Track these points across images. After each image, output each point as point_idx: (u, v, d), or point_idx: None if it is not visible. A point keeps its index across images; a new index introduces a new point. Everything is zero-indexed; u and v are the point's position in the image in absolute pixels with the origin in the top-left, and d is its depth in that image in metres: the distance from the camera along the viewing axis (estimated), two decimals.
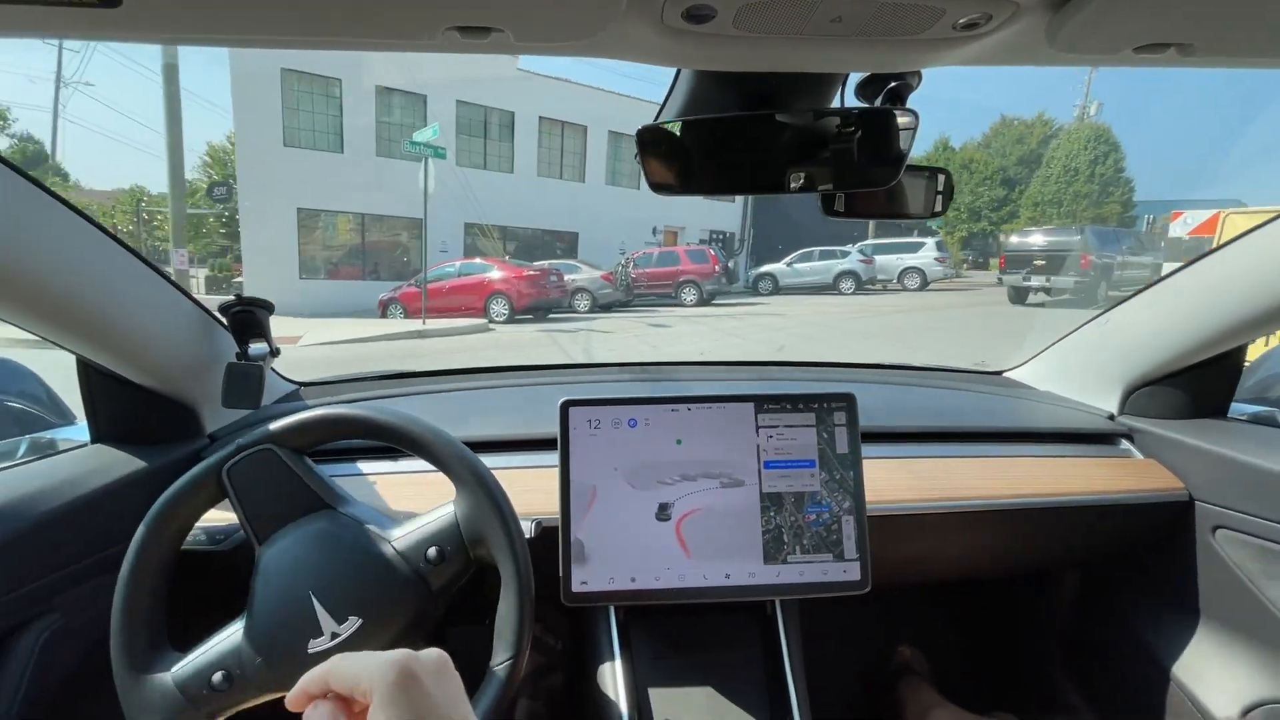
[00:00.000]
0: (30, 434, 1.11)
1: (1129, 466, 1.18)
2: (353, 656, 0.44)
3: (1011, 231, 31.61)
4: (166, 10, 0.46)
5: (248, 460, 0.74)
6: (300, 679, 0.44)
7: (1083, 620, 1.34)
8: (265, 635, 0.70)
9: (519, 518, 0.76)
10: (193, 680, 0.69)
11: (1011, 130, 36.10)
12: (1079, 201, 31.26)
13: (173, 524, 0.73)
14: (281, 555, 0.72)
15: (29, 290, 0.75)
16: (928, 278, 17.75)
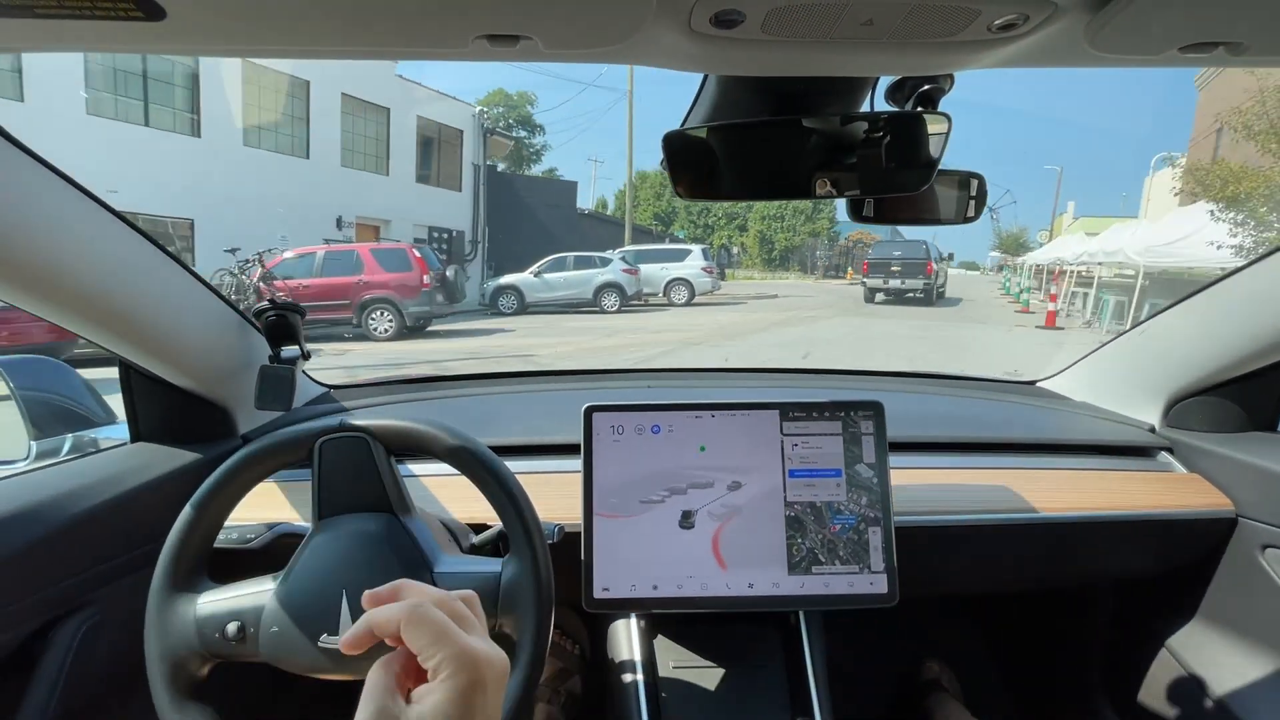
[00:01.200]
0: (74, 431, 1.15)
1: (1171, 481, 1.13)
2: (437, 622, 0.41)
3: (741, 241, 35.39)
4: (209, 23, 0.48)
5: (343, 440, 0.75)
6: (366, 616, 0.41)
7: (1121, 640, 1.29)
8: (288, 610, 0.70)
9: (542, 525, 0.76)
10: (209, 621, 0.70)
11: None
12: (798, 216, 33.83)
13: (253, 472, 0.75)
14: (332, 543, 0.73)
15: (79, 296, 0.78)
16: (695, 290, 15.80)
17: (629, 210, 24.73)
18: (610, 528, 0.93)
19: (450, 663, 0.39)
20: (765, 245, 35.05)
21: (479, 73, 75.02)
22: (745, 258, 36.29)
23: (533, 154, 32.70)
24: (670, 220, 38.47)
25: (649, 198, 39.69)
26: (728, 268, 32.44)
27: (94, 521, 0.84)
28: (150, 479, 0.93)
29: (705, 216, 37.18)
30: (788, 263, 34.95)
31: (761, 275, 32.60)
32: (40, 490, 0.82)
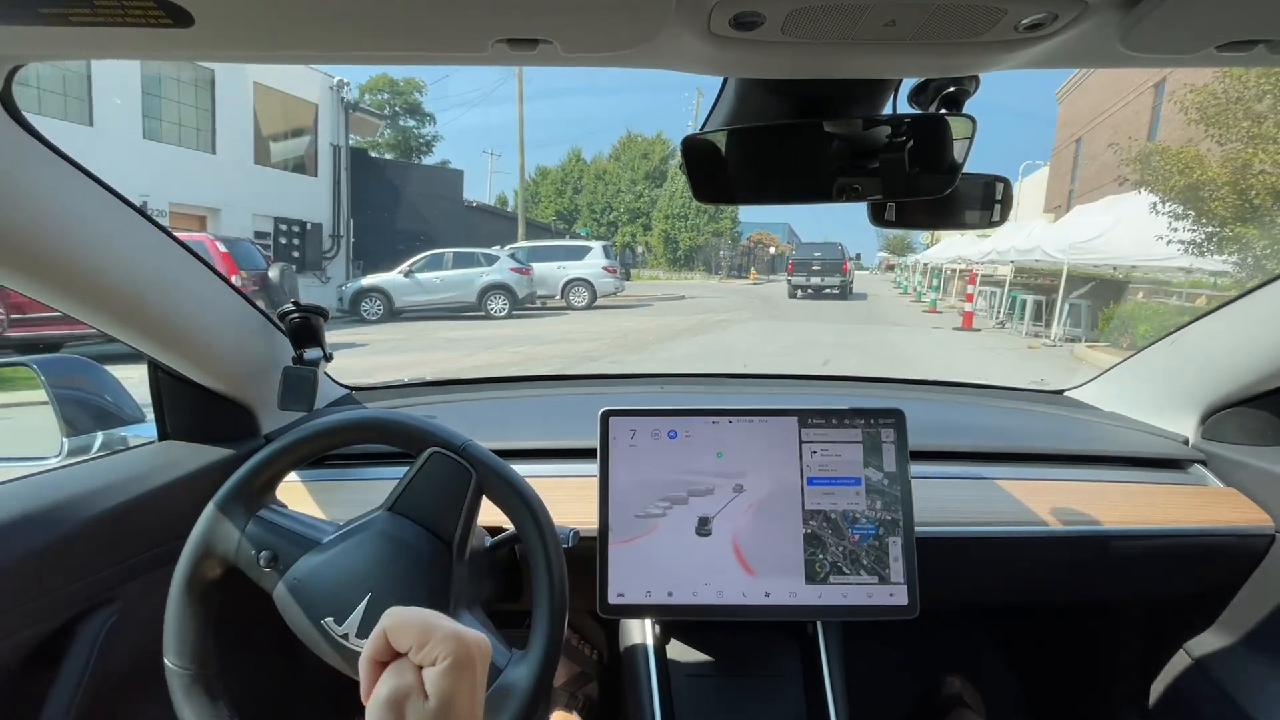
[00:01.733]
0: (105, 429, 1.18)
1: (1207, 495, 1.09)
2: (413, 618, 0.45)
3: (645, 240, 35.24)
4: (234, 30, 0.49)
5: (453, 460, 0.76)
6: (364, 651, 0.46)
7: (1153, 659, 1.24)
8: (314, 576, 0.73)
9: (557, 529, 0.77)
10: (255, 539, 0.74)
11: (637, 146, 37.01)
12: (701, 215, 33.52)
13: (356, 436, 0.79)
14: (384, 541, 0.74)
15: (114, 298, 0.80)
16: (596, 291, 14.51)
17: (522, 203, 23.38)
18: (625, 533, 0.92)
19: (440, 646, 0.44)
20: (670, 245, 34.81)
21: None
22: (650, 257, 36.15)
23: (422, 144, 30.81)
24: (574, 218, 37.59)
25: (551, 194, 38.80)
26: (633, 267, 32.26)
27: (121, 517, 0.86)
28: (176, 477, 0.95)
29: (609, 214, 36.74)
30: (692, 262, 34.84)
31: (667, 275, 32.47)
32: (71, 486, 0.85)
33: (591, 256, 14.82)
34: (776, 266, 44.85)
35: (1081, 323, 10.22)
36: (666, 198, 34.92)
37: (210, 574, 0.75)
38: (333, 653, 0.72)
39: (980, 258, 14.52)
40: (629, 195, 36.17)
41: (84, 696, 0.79)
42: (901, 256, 46.52)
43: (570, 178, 38.63)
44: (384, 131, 28.28)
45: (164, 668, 0.73)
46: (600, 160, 38.55)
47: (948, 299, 17.93)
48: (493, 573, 0.82)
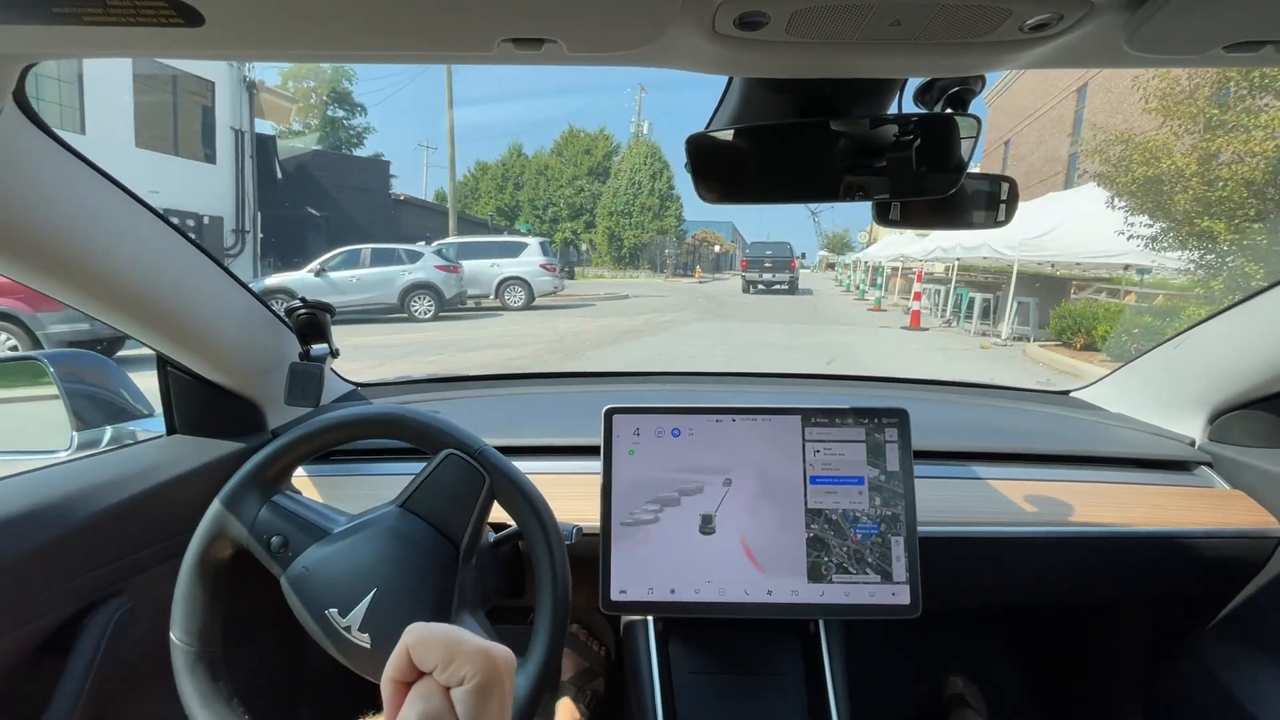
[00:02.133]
0: (114, 424, 1.20)
1: (1213, 497, 1.09)
2: (437, 636, 0.43)
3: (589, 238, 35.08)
4: (245, 29, 0.49)
5: (467, 462, 0.77)
6: (386, 671, 0.44)
7: (1157, 662, 1.24)
8: (322, 566, 0.74)
9: (560, 526, 0.78)
10: (265, 523, 0.76)
11: (579, 141, 36.32)
12: (645, 213, 33.02)
13: (376, 429, 0.80)
14: (394, 537, 0.75)
15: (124, 293, 0.81)
16: (534, 291, 13.60)
17: (452, 196, 21.48)
18: (628, 530, 0.93)
19: (467, 664, 0.42)
20: (614, 242, 34.21)
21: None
22: (594, 255, 35.60)
23: (353, 136, 29.26)
24: (515, 214, 36.56)
25: (491, 189, 37.68)
26: (577, 265, 31.85)
27: (130, 510, 0.87)
28: (184, 471, 0.96)
29: (551, 210, 35.90)
30: (637, 261, 34.36)
31: (612, 273, 32.02)
32: (81, 479, 0.86)
33: (528, 253, 13.88)
34: (722, 265, 44.98)
35: (1030, 321, 10.08)
36: (610, 194, 34.39)
37: (221, 554, 0.77)
38: (333, 644, 0.73)
39: (924, 255, 14.42)
40: (569, 190, 35.55)
41: (93, 686, 0.80)
42: (840, 255, 47.63)
43: (511, 173, 37.62)
44: (310, 122, 26.98)
45: (169, 644, 0.75)
46: (542, 155, 37.61)
47: (890, 297, 18.04)
48: (495, 569, 0.83)
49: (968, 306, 11.54)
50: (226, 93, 13.54)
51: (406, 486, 0.78)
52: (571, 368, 7.49)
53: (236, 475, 0.78)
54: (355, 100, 29.76)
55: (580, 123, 44.35)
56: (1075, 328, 8.86)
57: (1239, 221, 6.83)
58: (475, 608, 0.78)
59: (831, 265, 49.92)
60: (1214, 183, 6.95)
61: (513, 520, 0.79)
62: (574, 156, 36.36)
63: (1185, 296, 9.02)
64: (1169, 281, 9.96)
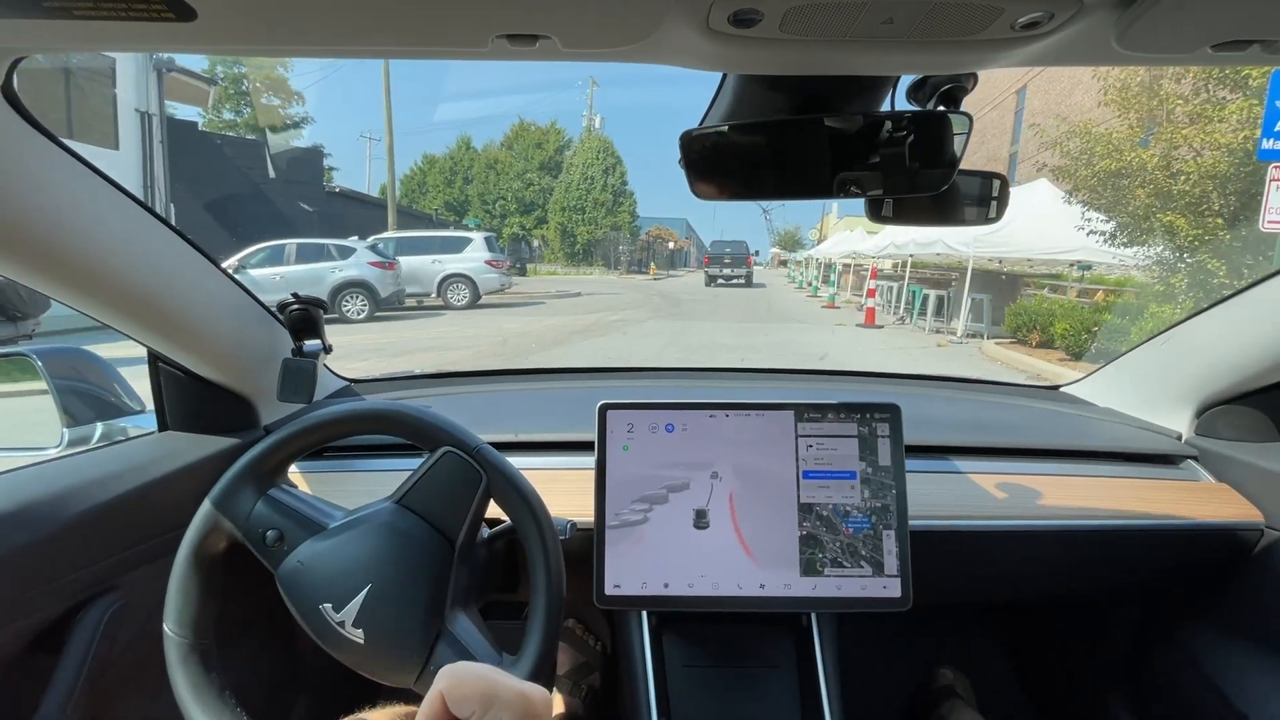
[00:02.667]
0: (105, 420, 1.19)
1: (1199, 491, 1.11)
2: (473, 681, 0.41)
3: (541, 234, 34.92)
4: (237, 24, 0.49)
5: (465, 460, 0.77)
6: (420, 715, 0.42)
7: (1144, 653, 1.26)
8: (317, 560, 0.74)
9: (554, 521, 0.79)
10: (260, 517, 0.76)
11: (530, 135, 35.91)
12: (599, 209, 32.91)
13: (373, 426, 0.79)
14: (391, 533, 0.75)
15: (111, 287, 0.80)
16: (479, 289, 12.96)
17: (391, 188, 20.35)
18: (622, 525, 0.94)
19: (506, 710, 0.40)
20: (567, 239, 33.80)
21: None
22: (547, 251, 35.25)
23: (289, 125, 27.51)
24: (464, 209, 35.63)
25: (438, 183, 36.69)
26: (529, 262, 31.50)
27: (121, 507, 0.87)
28: (176, 467, 0.96)
29: (501, 205, 35.17)
30: (591, 257, 34.10)
31: (565, 270, 31.74)
32: (71, 476, 0.85)
33: (472, 249, 13.19)
34: (676, 262, 45.19)
35: (984, 318, 10.09)
36: (562, 189, 33.93)
37: (216, 547, 0.77)
38: (327, 639, 0.73)
39: (876, 252, 14.50)
40: (518, 184, 34.89)
41: (85, 684, 0.80)
42: (792, 252, 48.31)
43: (460, 167, 36.81)
44: (242, 109, 25.42)
45: (162, 638, 0.75)
46: (492, 149, 36.93)
47: (843, 293, 18.35)
48: (490, 564, 0.83)
49: (921, 303, 11.52)
50: (129, 71, 12.05)
51: (403, 483, 0.78)
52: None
53: (232, 468, 0.78)
54: (292, 88, 28.03)
55: (531, 116, 43.66)
56: (1030, 325, 8.89)
57: (1203, 217, 6.77)
58: (469, 604, 0.78)
59: (784, 262, 50.72)
60: (1176, 175, 6.86)
61: (508, 517, 0.79)
62: (525, 150, 35.74)
63: (1126, 292, 9.00)
64: (1105, 277, 10.11)
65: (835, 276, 18.67)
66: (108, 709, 0.87)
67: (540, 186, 35.16)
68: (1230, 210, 6.70)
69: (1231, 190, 6.59)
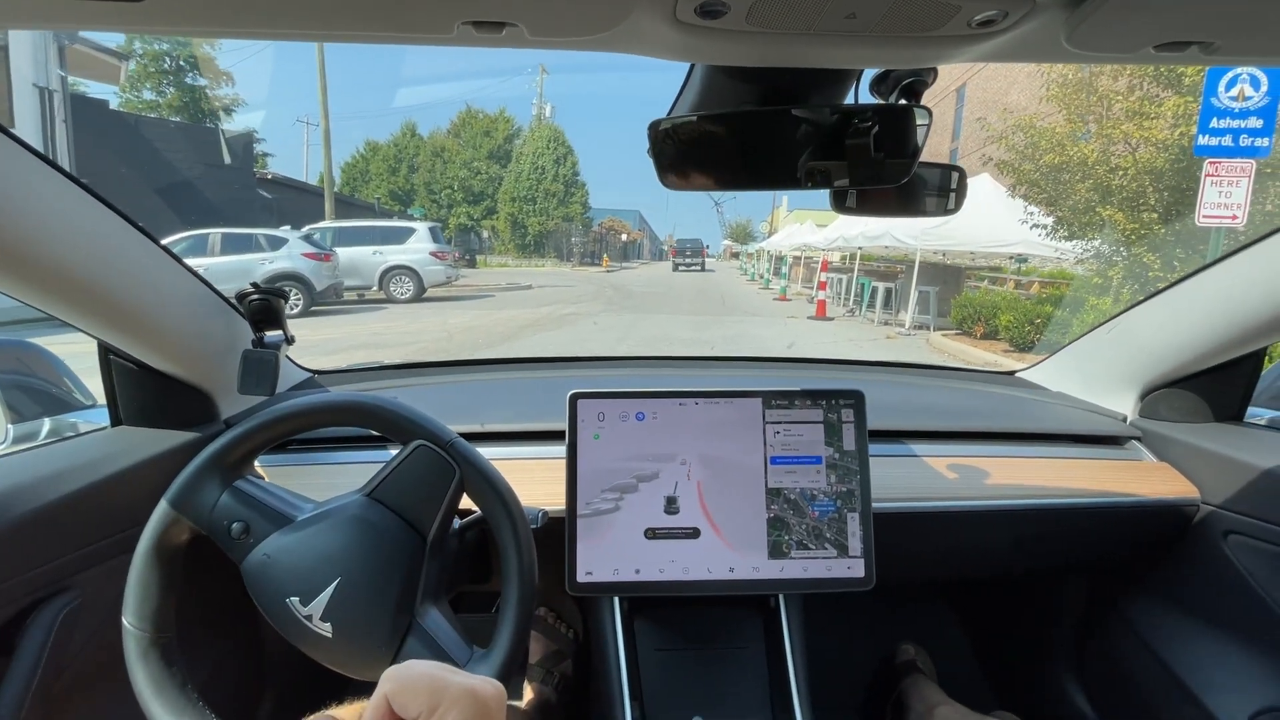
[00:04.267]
0: (52, 415, 1.13)
1: (1141, 470, 1.17)
2: (418, 679, 0.40)
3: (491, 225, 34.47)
4: (187, 4, 0.47)
5: (438, 454, 0.75)
6: (367, 716, 0.40)
7: (1090, 622, 1.34)
8: (284, 553, 0.72)
9: (525, 510, 0.78)
10: (228, 509, 0.74)
11: (478, 123, 35.23)
12: (550, 200, 32.77)
13: (343, 416, 0.78)
14: (361, 526, 0.73)
15: (55, 276, 0.76)
16: (424, 281, 12.31)
17: (328, 174, 18.77)
18: (593, 512, 0.95)
19: (453, 708, 0.39)
20: (518, 230, 33.20)
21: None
22: (498, 243, 34.54)
23: (219, 108, 25.39)
24: (409, 198, 34.14)
25: (382, 171, 35.03)
26: (479, 254, 30.97)
27: (74, 505, 0.84)
28: (131, 464, 0.93)
29: (448, 194, 34.21)
30: (542, 249, 33.74)
31: (516, 262, 31.42)
32: (18, 474, 0.82)
33: (416, 239, 12.46)
34: (630, 253, 45.60)
35: (930, 310, 10.16)
36: (512, 179, 33.25)
37: (179, 538, 0.75)
38: (294, 633, 0.72)
39: (826, 245, 14.51)
40: (466, 173, 33.95)
41: (40, 686, 0.78)
42: (744, 244, 49.09)
43: (405, 154, 35.43)
44: (165, 89, 23.32)
45: (120, 635, 0.73)
46: (439, 136, 35.53)
47: (793, 285, 18.53)
48: (461, 556, 0.83)
49: (870, 296, 11.52)
50: (28, 45, 10.61)
51: (374, 476, 0.77)
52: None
53: (197, 459, 0.75)
54: (221, 68, 26.13)
55: (480, 103, 42.50)
56: (975, 317, 8.99)
57: (1139, 211, 6.94)
58: (440, 598, 0.78)
59: (735, 254, 51.46)
60: (1115, 171, 7.02)
61: (480, 510, 0.79)
62: (472, 138, 34.61)
63: (1061, 285, 9.29)
64: (1039, 270, 10.45)
65: (786, 269, 18.87)
66: (64, 712, 0.85)
67: (489, 175, 34.23)
68: (1165, 205, 6.89)
69: (1165, 186, 6.80)
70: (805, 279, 19.17)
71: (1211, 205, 5.19)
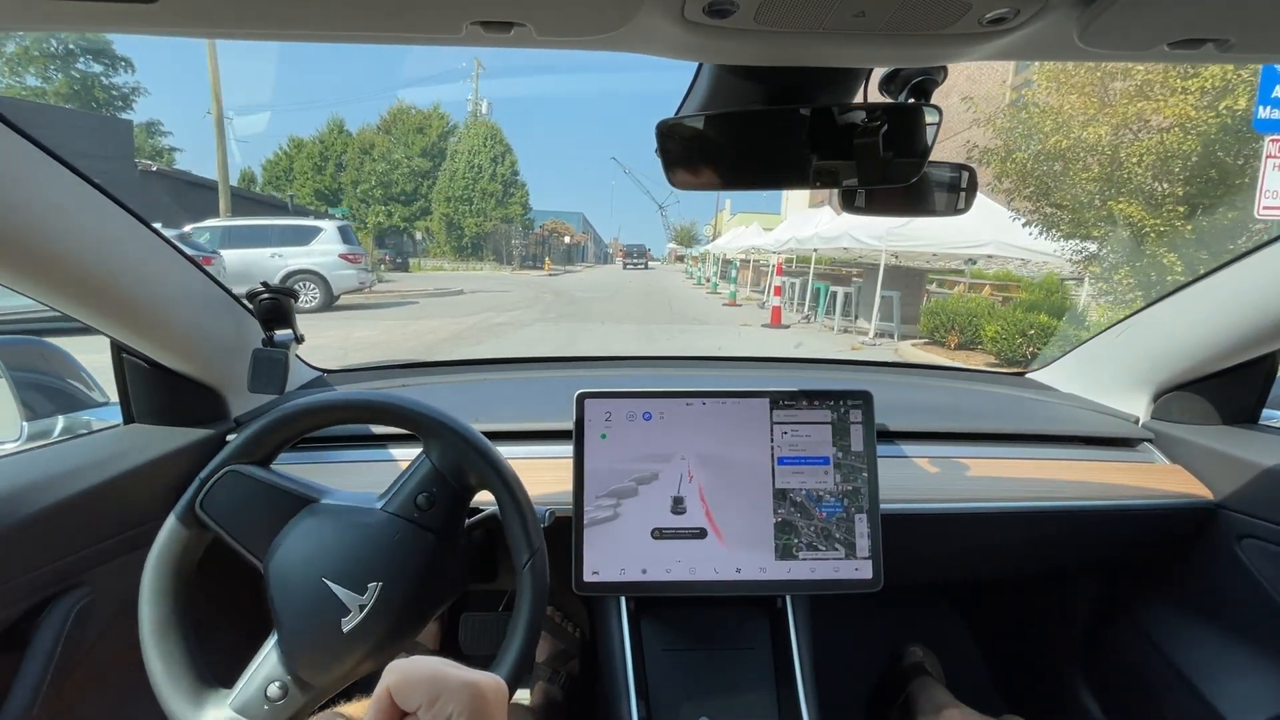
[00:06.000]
0: (66, 413, 1.15)
1: (1153, 472, 1.16)
2: (419, 673, 0.41)
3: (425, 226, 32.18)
4: (200, 6, 0.47)
5: (217, 489, 0.74)
6: (368, 715, 0.41)
7: (1100, 626, 1.32)
8: (299, 636, 0.71)
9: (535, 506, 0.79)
10: (251, 703, 0.71)
11: (411, 118, 33.23)
12: (488, 200, 31.02)
13: (178, 573, 0.74)
14: (285, 560, 0.73)
15: (70, 274, 0.78)
16: (332, 288, 10.93)
17: (222, 164, 16.23)
18: (601, 512, 0.95)
19: (453, 700, 0.40)
20: (453, 231, 31.57)
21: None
22: (433, 245, 32.80)
23: (115, 97, 23.82)
24: (337, 198, 31.85)
25: (307, 169, 32.56)
26: (413, 257, 29.23)
27: (87, 502, 0.85)
28: (143, 461, 0.94)
29: (380, 193, 31.89)
30: (480, 252, 32.12)
31: (453, 265, 29.77)
32: (32, 471, 0.83)
33: (322, 240, 10.99)
34: (574, 256, 46.40)
35: (894, 317, 9.40)
36: (446, 178, 31.69)
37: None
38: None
39: (777, 247, 13.55)
40: (399, 174, 32.22)
41: (53, 680, 0.79)
42: (688, 248, 50.14)
43: (332, 151, 33.05)
44: (51, 74, 21.64)
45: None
46: (368, 132, 33.53)
47: (742, 290, 17.73)
48: (469, 554, 0.83)
49: (828, 301, 10.74)
50: None
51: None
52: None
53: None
54: (118, 54, 24.12)
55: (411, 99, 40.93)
56: (948, 325, 8.12)
57: (1160, 205, 5.87)
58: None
59: (680, 257, 52.41)
60: (1126, 160, 5.93)
61: (482, 503, 0.80)
62: (404, 135, 32.73)
63: (1010, 286, 8.55)
64: (983, 272, 9.89)
65: (735, 273, 18.02)
66: (76, 705, 0.86)
67: (413, 169, 32.35)
68: (1199, 194, 5.76)
69: (1198, 172, 5.70)
70: (754, 283, 18.82)
71: (1273, 195, 4.18)
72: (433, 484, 0.76)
